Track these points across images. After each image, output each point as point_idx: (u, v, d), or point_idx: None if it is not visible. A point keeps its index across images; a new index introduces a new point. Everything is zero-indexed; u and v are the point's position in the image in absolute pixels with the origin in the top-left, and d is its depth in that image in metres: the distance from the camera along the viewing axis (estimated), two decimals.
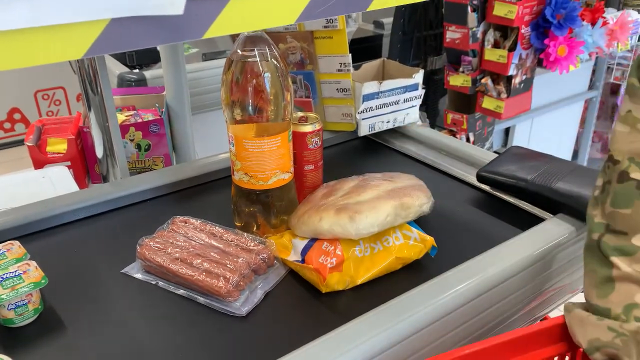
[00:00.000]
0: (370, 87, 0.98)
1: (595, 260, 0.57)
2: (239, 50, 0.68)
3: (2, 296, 0.58)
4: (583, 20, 1.78)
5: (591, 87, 2.39)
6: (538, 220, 0.78)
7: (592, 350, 0.53)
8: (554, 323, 0.57)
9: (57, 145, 1.21)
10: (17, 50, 0.41)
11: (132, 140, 1.26)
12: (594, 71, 2.37)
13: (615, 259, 0.54)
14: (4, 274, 0.61)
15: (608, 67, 2.38)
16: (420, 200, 0.72)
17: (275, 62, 0.68)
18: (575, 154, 2.55)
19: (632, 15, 1.92)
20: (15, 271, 0.61)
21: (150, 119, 1.28)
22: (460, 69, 1.82)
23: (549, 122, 2.26)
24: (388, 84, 0.99)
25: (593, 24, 1.81)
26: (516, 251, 0.68)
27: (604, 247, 0.56)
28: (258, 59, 0.67)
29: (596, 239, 0.57)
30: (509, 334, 0.55)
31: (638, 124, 0.54)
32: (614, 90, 2.48)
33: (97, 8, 0.42)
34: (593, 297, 0.56)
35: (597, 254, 0.57)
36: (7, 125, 3.12)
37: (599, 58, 2.30)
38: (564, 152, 2.47)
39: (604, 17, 1.83)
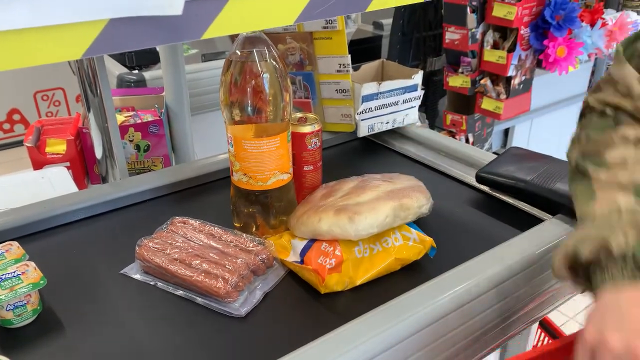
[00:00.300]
0: (370, 88, 0.98)
1: (576, 181, 0.62)
2: (237, 51, 0.68)
3: (0, 297, 0.58)
4: (582, 21, 1.78)
5: (590, 88, 2.39)
6: (537, 221, 0.78)
7: (580, 245, 0.53)
8: (557, 345, 0.56)
9: (57, 146, 1.21)
10: (16, 51, 0.41)
11: (131, 141, 1.26)
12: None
13: (591, 170, 0.59)
14: (2, 275, 0.61)
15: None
16: (420, 201, 0.72)
17: (274, 63, 0.68)
18: None
19: (631, 16, 1.92)
20: (14, 272, 0.61)
21: (150, 119, 1.28)
22: (460, 70, 1.82)
23: (548, 123, 2.26)
24: (387, 85, 0.99)
25: (592, 25, 1.82)
26: (515, 252, 0.68)
27: (580, 164, 0.62)
28: (257, 60, 0.67)
29: (574, 164, 0.63)
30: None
31: (616, 85, 0.63)
32: None
33: (96, 8, 0.42)
34: (579, 212, 0.58)
35: (577, 176, 0.62)
36: (7, 126, 3.12)
37: (598, 59, 2.30)
38: (563, 153, 2.46)
39: (603, 18, 1.83)
